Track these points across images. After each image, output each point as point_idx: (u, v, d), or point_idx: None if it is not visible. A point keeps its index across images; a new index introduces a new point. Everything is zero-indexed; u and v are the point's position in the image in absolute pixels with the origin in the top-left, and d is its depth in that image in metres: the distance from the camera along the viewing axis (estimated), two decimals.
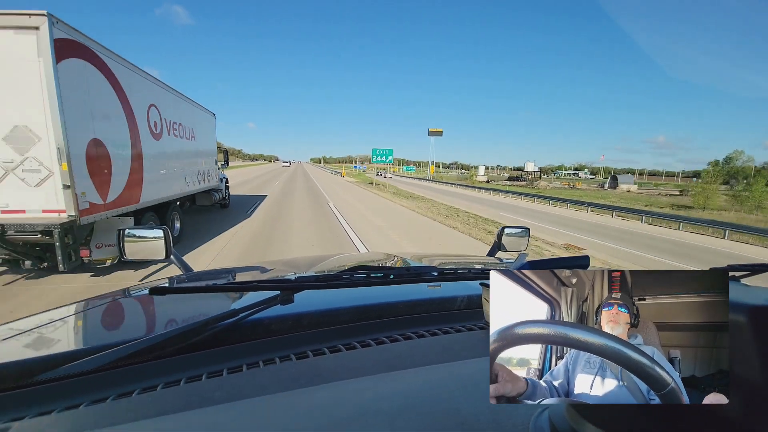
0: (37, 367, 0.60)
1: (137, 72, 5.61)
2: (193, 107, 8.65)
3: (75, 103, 4.01)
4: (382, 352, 0.69)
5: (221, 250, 6.58)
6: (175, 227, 7.11)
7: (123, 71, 5.15)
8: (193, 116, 8.53)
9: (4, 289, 4.34)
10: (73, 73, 4.03)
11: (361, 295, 0.93)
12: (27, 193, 3.86)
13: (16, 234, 3.84)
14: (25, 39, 3.63)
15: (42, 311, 0.95)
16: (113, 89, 4.90)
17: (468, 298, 0.95)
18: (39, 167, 3.84)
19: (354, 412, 0.46)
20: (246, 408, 0.49)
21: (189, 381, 0.59)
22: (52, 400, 0.55)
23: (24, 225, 3.83)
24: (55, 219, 3.90)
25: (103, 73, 4.66)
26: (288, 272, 1.35)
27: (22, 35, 3.63)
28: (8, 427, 0.47)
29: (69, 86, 3.88)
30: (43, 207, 3.90)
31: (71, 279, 4.61)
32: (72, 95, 3.94)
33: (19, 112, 3.73)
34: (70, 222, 3.93)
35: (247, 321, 0.72)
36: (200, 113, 9.22)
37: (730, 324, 0.28)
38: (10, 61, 3.66)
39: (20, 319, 0.89)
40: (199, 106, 9.08)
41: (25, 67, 3.65)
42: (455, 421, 0.43)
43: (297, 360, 0.66)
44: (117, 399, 0.55)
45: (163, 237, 1.31)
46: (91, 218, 4.27)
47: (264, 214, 11.32)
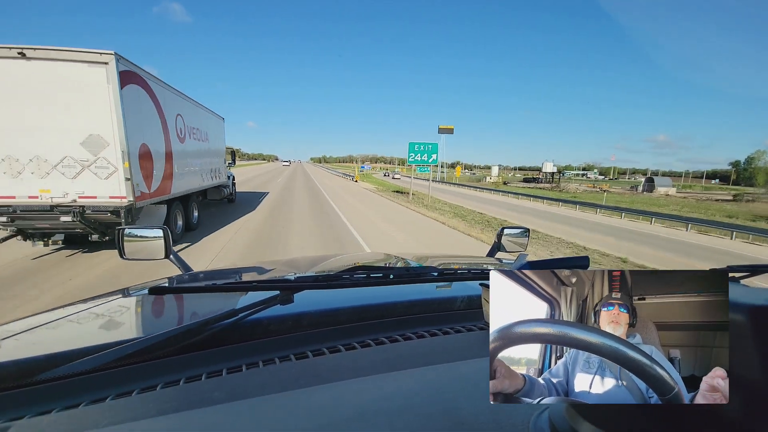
0: (36, 366, 0.60)
1: (168, 88, 6.90)
2: (207, 113, 9.93)
3: (132, 117, 5.31)
4: (381, 352, 0.69)
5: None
6: (194, 216, 8.41)
7: (159, 89, 6.42)
8: (206, 121, 9.79)
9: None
10: (131, 95, 5.39)
11: (361, 295, 0.93)
12: (98, 184, 5.13)
13: (92, 213, 5.14)
14: (97, 70, 4.95)
15: (42, 311, 0.96)
16: (154, 105, 6.18)
17: (468, 298, 0.95)
18: (107, 165, 5.08)
19: (354, 412, 0.46)
20: (245, 408, 0.49)
21: (188, 381, 0.59)
22: (52, 399, 0.54)
23: (99, 207, 5.10)
24: (120, 203, 5.18)
25: (148, 93, 5.95)
26: (288, 272, 1.34)
27: (95, 67, 4.93)
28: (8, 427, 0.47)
29: (129, 105, 5.23)
30: (110, 194, 5.15)
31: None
32: (130, 112, 5.28)
33: (93, 124, 5.03)
34: (130, 205, 5.25)
35: (247, 321, 0.72)
36: (212, 118, 10.50)
37: (730, 324, 0.28)
38: (86, 86, 4.94)
39: (20, 319, 0.89)
40: (211, 111, 10.35)
41: (98, 90, 4.94)
42: (455, 421, 0.43)
43: (296, 360, 0.65)
44: (116, 399, 0.55)
45: (162, 237, 1.32)
46: (141, 203, 5.55)
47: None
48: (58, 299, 4.07)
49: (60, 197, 5.07)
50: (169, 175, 6.74)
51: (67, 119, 4.97)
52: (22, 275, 4.91)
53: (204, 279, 1.38)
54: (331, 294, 0.94)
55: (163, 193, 6.48)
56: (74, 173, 5.09)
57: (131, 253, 1.33)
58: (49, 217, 5.05)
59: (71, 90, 4.93)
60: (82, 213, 5.04)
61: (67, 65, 4.87)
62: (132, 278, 4.93)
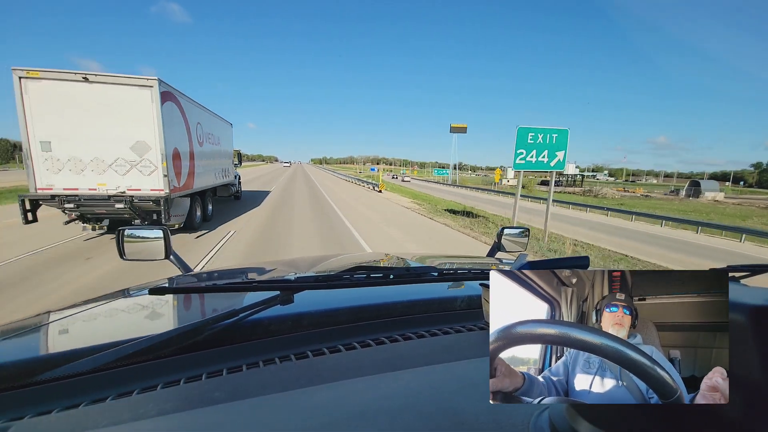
0: (36, 366, 0.60)
1: (191, 101, 8.36)
2: (219, 120, 11.37)
3: (168, 127, 6.75)
4: (381, 352, 0.69)
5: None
6: (208, 208, 9.85)
7: (185, 103, 7.89)
8: (218, 127, 11.23)
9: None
10: (168, 110, 6.84)
11: (361, 295, 0.94)
12: (142, 179, 6.56)
13: (138, 202, 6.57)
14: (144, 92, 6.41)
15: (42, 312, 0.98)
16: (182, 116, 7.66)
17: (468, 298, 0.96)
18: (150, 164, 6.53)
19: (354, 412, 0.47)
20: (246, 408, 0.49)
21: (189, 381, 0.59)
22: (52, 399, 0.55)
23: (143, 197, 6.52)
24: (159, 194, 6.61)
25: (178, 107, 7.44)
26: (288, 272, 1.34)
27: (143, 90, 6.40)
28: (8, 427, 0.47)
29: (166, 118, 6.73)
30: (151, 187, 6.59)
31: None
32: (167, 123, 6.76)
33: (139, 133, 6.49)
34: (166, 196, 6.64)
35: (247, 321, 0.72)
36: (223, 124, 11.94)
37: (730, 324, 0.28)
38: (135, 104, 6.41)
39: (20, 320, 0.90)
40: (221, 118, 11.83)
41: (144, 107, 6.41)
42: (455, 421, 0.43)
43: (297, 360, 0.66)
44: (117, 399, 0.55)
45: (162, 237, 1.33)
46: (174, 195, 6.98)
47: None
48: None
49: (113, 189, 6.54)
50: (191, 172, 8.20)
51: (120, 129, 6.45)
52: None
53: (204, 279, 1.38)
54: (331, 294, 0.95)
55: (188, 188, 7.94)
56: (124, 171, 6.56)
57: (131, 253, 1.33)
58: (106, 204, 6.52)
59: (123, 106, 6.40)
60: (131, 202, 6.50)
61: (120, 87, 6.35)
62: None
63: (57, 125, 6.21)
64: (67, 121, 6.23)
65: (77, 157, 6.40)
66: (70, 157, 6.38)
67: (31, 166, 6.22)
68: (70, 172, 6.41)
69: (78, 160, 6.41)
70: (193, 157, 8.37)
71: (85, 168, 6.45)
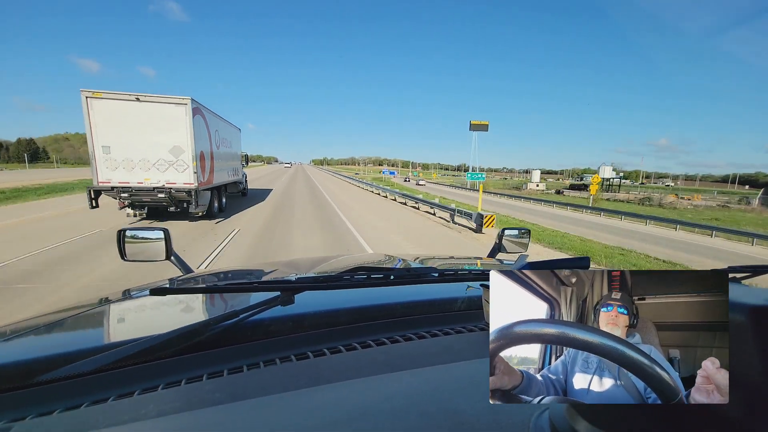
0: (38, 367, 0.60)
1: (212, 113, 10.38)
2: (231, 127, 13.38)
3: (197, 134, 8.85)
4: (382, 352, 0.69)
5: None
6: (223, 201, 11.84)
7: (208, 114, 9.91)
8: (231, 132, 13.23)
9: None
10: (197, 122, 8.94)
11: (362, 296, 0.94)
12: (177, 175, 8.55)
13: (175, 193, 8.53)
14: (180, 108, 8.41)
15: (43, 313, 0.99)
16: (205, 125, 9.68)
17: (468, 299, 0.96)
18: (183, 163, 8.52)
19: (354, 412, 0.47)
20: (246, 409, 0.49)
21: (189, 381, 0.59)
22: (53, 400, 0.55)
23: (178, 189, 8.49)
24: (190, 187, 8.61)
25: (203, 118, 9.50)
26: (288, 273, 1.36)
27: (179, 107, 8.41)
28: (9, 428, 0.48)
29: (195, 128, 8.88)
30: (184, 182, 8.57)
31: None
32: (196, 131, 8.89)
33: (176, 139, 8.54)
34: (196, 189, 8.61)
35: (248, 322, 0.72)
36: (234, 130, 13.93)
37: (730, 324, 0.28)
38: (173, 117, 8.46)
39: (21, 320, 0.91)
40: (233, 125, 13.89)
41: (180, 120, 8.43)
42: (455, 421, 0.44)
43: (297, 361, 0.66)
44: (118, 399, 0.55)
45: (163, 238, 1.33)
46: (200, 188, 8.98)
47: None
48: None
49: (156, 183, 8.52)
50: (211, 170, 10.21)
51: (161, 136, 8.44)
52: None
53: (205, 280, 1.38)
54: (331, 295, 0.96)
55: (209, 183, 9.93)
56: (164, 169, 8.55)
57: (132, 254, 1.34)
58: (151, 194, 8.52)
59: (164, 119, 8.41)
60: (170, 192, 8.50)
61: (162, 105, 8.35)
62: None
63: (114, 133, 8.21)
64: (122, 130, 8.23)
65: (129, 158, 8.39)
66: (124, 158, 8.36)
67: (94, 165, 8.22)
68: (123, 169, 8.39)
69: (130, 160, 8.39)
70: (213, 158, 10.38)
71: (135, 166, 8.44)
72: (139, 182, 8.49)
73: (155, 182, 8.54)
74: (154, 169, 8.53)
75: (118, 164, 8.34)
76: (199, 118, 9.13)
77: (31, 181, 25.67)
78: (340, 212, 13.31)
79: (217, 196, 10.95)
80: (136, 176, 8.47)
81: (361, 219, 12.02)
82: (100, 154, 8.21)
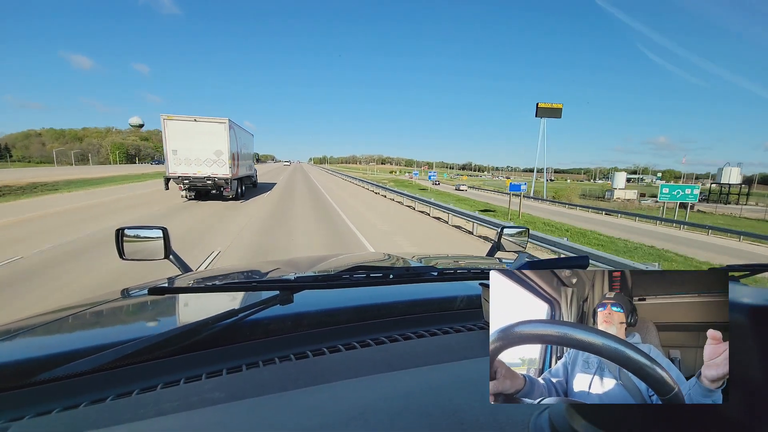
0: (36, 366, 0.60)
1: (238, 126, 15.22)
2: (248, 133, 18.16)
3: (231, 142, 13.70)
4: (381, 352, 0.69)
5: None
6: (242, 189, 16.51)
7: (236, 127, 14.79)
8: (248, 138, 18.01)
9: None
10: (231, 134, 13.81)
11: (361, 295, 0.94)
12: (218, 169, 13.38)
13: (218, 180, 13.33)
14: (221, 125, 13.29)
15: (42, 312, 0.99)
16: (235, 135, 14.52)
17: (467, 298, 0.96)
18: (223, 161, 13.37)
19: (354, 412, 0.47)
20: (245, 408, 0.49)
21: (188, 381, 0.59)
22: (52, 400, 0.55)
23: (220, 178, 13.34)
24: (227, 177, 13.44)
25: (234, 130, 14.42)
26: (287, 272, 1.35)
27: (221, 124, 13.30)
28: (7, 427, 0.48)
29: (230, 138, 13.73)
30: (223, 174, 13.41)
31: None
32: (230, 140, 13.72)
33: (218, 145, 13.41)
34: (230, 178, 13.45)
35: (247, 321, 0.73)
36: (249, 135, 18.71)
37: (730, 324, 0.28)
38: (216, 131, 13.34)
39: (19, 319, 0.91)
40: (249, 132, 18.60)
41: (221, 132, 13.36)
42: (455, 421, 0.44)
43: (296, 360, 0.66)
44: (116, 399, 0.55)
45: (162, 237, 1.34)
46: (232, 178, 13.71)
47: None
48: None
49: (205, 174, 13.23)
50: (238, 166, 14.96)
51: (208, 143, 13.17)
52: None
53: (204, 279, 1.38)
54: (331, 294, 0.95)
55: (237, 175, 14.67)
56: (210, 164, 13.29)
57: (131, 253, 1.33)
58: (202, 181, 13.28)
59: (210, 132, 13.17)
60: (214, 180, 13.24)
61: (210, 123, 13.07)
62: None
63: (180, 141, 12.91)
64: (184, 139, 12.93)
65: (188, 158, 13.09)
66: (185, 158, 13.06)
67: (167, 162, 12.96)
68: (184, 165, 13.09)
69: (189, 159, 13.10)
70: (239, 158, 15.14)
71: (192, 163, 13.15)
72: (194, 173, 13.19)
73: (204, 173, 13.25)
74: (203, 165, 13.23)
75: (181, 161, 13.04)
76: (232, 131, 13.87)
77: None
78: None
79: (240, 184, 15.64)
80: (192, 169, 13.17)
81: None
82: (171, 155, 12.89)
